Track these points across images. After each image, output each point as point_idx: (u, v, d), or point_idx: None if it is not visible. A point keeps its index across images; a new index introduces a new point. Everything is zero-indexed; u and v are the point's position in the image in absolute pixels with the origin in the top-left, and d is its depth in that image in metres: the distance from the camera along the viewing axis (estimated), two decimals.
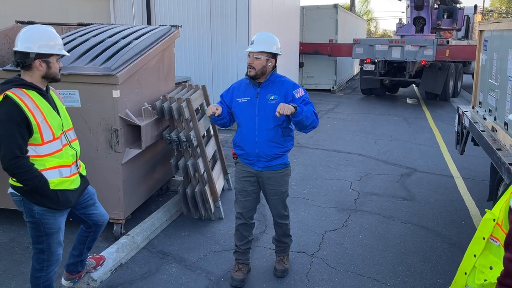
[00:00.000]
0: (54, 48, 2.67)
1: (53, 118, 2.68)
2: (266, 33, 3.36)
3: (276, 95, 3.29)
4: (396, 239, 4.37)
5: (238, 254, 3.65)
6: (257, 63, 3.23)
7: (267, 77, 3.31)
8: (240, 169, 3.49)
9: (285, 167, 3.45)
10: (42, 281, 2.85)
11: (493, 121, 4.41)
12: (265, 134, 3.29)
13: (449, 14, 15.30)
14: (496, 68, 4.46)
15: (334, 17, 14.90)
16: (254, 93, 3.33)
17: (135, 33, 4.70)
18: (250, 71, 3.25)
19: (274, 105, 3.25)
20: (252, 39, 3.29)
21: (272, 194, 3.48)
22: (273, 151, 3.33)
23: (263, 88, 3.32)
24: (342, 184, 5.93)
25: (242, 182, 3.48)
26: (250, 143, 3.32)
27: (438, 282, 3.62)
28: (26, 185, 2.60)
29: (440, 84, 12.74)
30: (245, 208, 3.52)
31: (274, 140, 3.32)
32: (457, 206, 5.22)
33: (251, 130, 3.31)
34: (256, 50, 3.23)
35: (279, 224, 3.62)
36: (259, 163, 3.37)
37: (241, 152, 3.42)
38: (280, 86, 3.32)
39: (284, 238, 3.71)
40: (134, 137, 4.15)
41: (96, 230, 3.17)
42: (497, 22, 4.75)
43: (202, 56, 9.17)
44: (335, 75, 15.26)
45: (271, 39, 3.32)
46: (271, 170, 3.39)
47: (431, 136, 8.92)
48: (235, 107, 3.40)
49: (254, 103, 3.31)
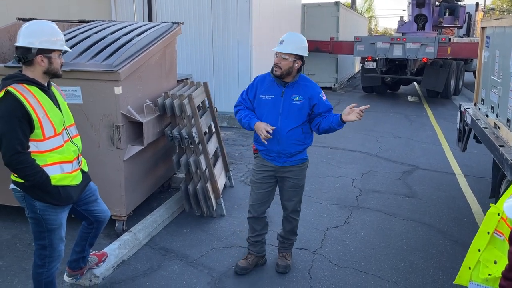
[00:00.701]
0: (56, 43, 2.66)
1: (54, 113, 2.67)
2: (296, 34, 3.40)
3: (301, 96, 3.36)
4: (398, 236, 4.36)
5: (249, 244, 3.75)
6: (284, 64, 3.27)
7: (294, 79, 3.37)
8: (259, 163, 3.56)
9: (304, 162, 3.55)
10: (44, 277, 2.84)
11: (496, 118, 4.39)
12: (287, 133, 3.36)
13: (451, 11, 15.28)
14: (499, 65, 4.45)
15: (335, 15, 14.87)
16: (279, 91, 3.37)
17: (137, 29, 4.69)
18: (276, 70, 3.30)
19: (298, 105, 3.34)
20: (282, 39, 3.31)
21: (291, 186, 3.54)
22: (295, 149, 3.42)
23: (289, 88, 3.37)
24: (344, 182, 5.92)
25: (258, 174, 3.55)
26: (272, 140, 3.36)
27: (440, 278, 3.62)
28: (27, 181, 2.59)
29: (441, 81, 12.72)
30: (258, 201, 3.57)
31: (296, 137, 3.39)
32: (459, 203, 5.22)
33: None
34: (285, 51, 3.26)
35: (289, 219, 3.66)
36: (280, 159, 3.45)
37: (262, 148, 3.48)
38: (305, 88, 3.39)
39: (290, 235, 3.74)
40: (136, 133, 4.15)
41: (98, 226, 3.16)
42: (499, 19, 4.74)
43: (204, 53, 9.16)
44: (336, 73, 15.24)
45: (300, 40, 3.35)
46: (291, 164, 3.47)
47: (432, 133, 8.91)
48: (258, 103, 3.44)
49: (278, 102, 3.36)
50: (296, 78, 3.37)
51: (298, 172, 3.52)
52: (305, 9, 14.70)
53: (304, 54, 3.32)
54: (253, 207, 3.60)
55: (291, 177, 3.50)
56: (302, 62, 3.35)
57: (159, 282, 3.53)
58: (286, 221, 3.69)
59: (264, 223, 3.71)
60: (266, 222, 3.73)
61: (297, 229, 3.75)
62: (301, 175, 3.55)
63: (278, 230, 3.88)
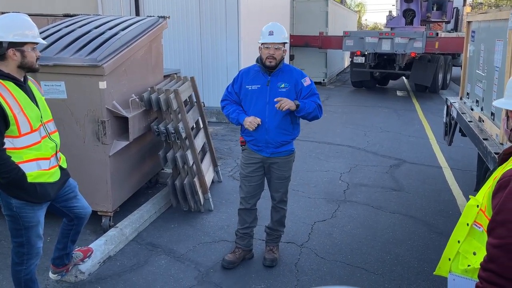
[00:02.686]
0: (27, 36, 2.59)
1: (31, 109, 2.61)
2: (278, 24, 3.45)
3: (286, 83, 3.40)
4: (385, 229, 4.40)
5: (237, 237, 3.76)
6: (278, 54, 3.34)
7: (279, 67, 3.40)
8: (247, 156, 3.58)
9: (291, 153, 3.59)
10: (23, 275, 2.80)
11: (480, 112, 4.44)
12: (275, 121, 3.38)
13: (439, 6, 15.37)
14: (483, 59, 4.49)
15: (324, 10, 14.86)
16: (265, 81, 3.41)
17: (121, 24, 4.64)
18: (271, 61, 3.33)
19: (285, 93, 3.38)
20: (269, 30, 3.34)
21: (277, 178, 3.58)
22: (282, 138, 3.45)
23: (274, 76, 3.41)
24: (332, 176, 5.95)
25: (247, 168, 3.57)
26: (260, 130, 3.40)
27: (425, 270, 3.66)
28: (2, 178, 2.53)
29: (429, 76, 12.80)
30: (249, 194, 3.61)
31: (284, 127, 3.43)
32: (445, 196, 5.27)
33: (261, 118, 3.38)
34: (279, 41, 3.32)
35: (277, 209, 3.70)
36: (268, 149, 3.47)
37: (250, 138, 3.50)
38: (290, 75, 3.44)
39: (278, 226, 3.76)
40: (122, 129, 4.12)
41: (78, 223, 3.12)
42: (484, 13, 4.78)
43: (191, 48, 9.10)
44: (326, 67, 15.27)
45: (284, 29, 3.44)
46: (278, 156, 3.50)
47: (420, 127, 8.98)
48: (245, 94, 3.47)
49: (265, 91, 3.40)
50: (280, 65, 3.41)
51: (284, 164, 3.55)
52: (294, 3, 14.67)
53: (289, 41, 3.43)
54: (244, 199, 3.64)
55: (277, 168, 3.54)
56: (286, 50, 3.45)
57: (146, 277, 3.52)
58: (274, 211, 3.73)
59: (255, 215, 3.75)
60: (256, 215, 3.76)
61: (284, 219, 3.78)
62: (287, 166, 3.58)
63: (266, 224, 3.88)
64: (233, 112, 3.48)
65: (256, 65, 3.46)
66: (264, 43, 3.34)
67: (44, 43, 2.91)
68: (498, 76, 3.85)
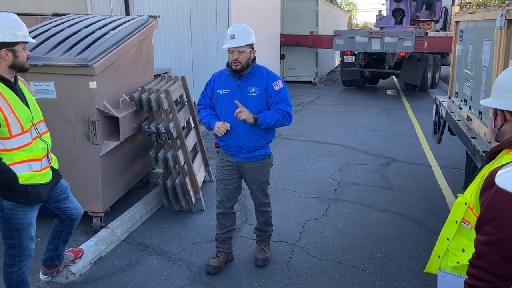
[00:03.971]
0: (18, 36, 2.57)
1: (21, 110, 2.59)
2: (242, 25, 3.35)
3: (257, 87, 3.30)
4: (375, 227, 4.44)
5: (218, 242, 3.69)
6: (243, 57, 3.22)
7: (249, 70, 3.30)
8: (222, 158, 3.52)
9: (267, 158, 3.49)
10: (15, 276, 2.78)
11: (468, 111, 4.49)
12: (246, 126, 3.28)
13: (428, 6, 15.51)
14: (471, 58, 4.55)
15: (314, 9, 14.91)
16: (235, 85, 3.32)
17: (111, 23, 4.61)
18: (236, 65, 3.23)
19: (255, 98, 3.28)
20: (231, 33, 3.23)
21: (253, 183, 3.52)
22: (254, 143, 3.36)
23: (244, 80, 3.31)
24: (323, 175, 5.98)
25: (222, 171, 3.51)
26: (232, 135, 3.32)
27: (415, 267, 3.70)
28: None
29: (419, 75, 12.91)
30: (225, 197, 3.55)
31: (255, 132, 3.33)
32: (434, 194, 5.33)
33: (233, 123, 3.29)
34: (240, 44, 3.21)
35: (260, 211, 3.66)
36: (241, 154, 3.39)
37: (223, 144, 3.44)
38: (261, 78, 3.32)
39: (265, 227, 3.74)
40: (112, 129, 4.10)
41: (70, 224, 3.10)
42: (472, 13, 4.84)
43: (182, 47, 9.08)
44: (316, 67, 15.32)
45: (249, 30, 3.31)
46: (252, 160, 3.41)
47: (410, 126, 9.06)
48: (216, 99, 3.40)
49: (234, 95, 3.29)
50: (250, 68, 3.30)
51: (260, 169, 3.46)
52: (284, 3, 14.69)
53: (255, 41, 3.29)
54: (221, 203, 3.56)
55: (252, 173, 3.45)
56: (255, 50, 3.33)
57: (137, 278, 3.51)
58: (258, 214, 3.70)
59: (234, 218, 3.69)
60: (235, 217, 3.71)
61: (271, 219, 3.75)
62: (263, 171, 3.49)
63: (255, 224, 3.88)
64: (205, 116, 3.41)
65: (226, 68, 3.37)
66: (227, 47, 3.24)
67: (35, 42, 2.90)
68: (486, 75, 3.90)
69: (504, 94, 1.75)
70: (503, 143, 1.77)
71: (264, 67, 3.45)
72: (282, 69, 14.99)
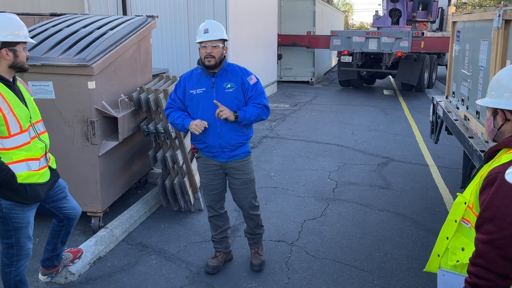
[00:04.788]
0: (19, 36, 2.58)
1: (20, 110, 2.59)
2: (213, 20, 3.32)
3: (232, 83, 3.24)
4: (373, 226, 4.45)
5: (214, 243, 3.68)
6: (217, 52, 3.17)
7: (222, 66, 3.25)
8: (203, 163, 3.41)
9: (248, 155, 3.43)
10: (13, 276, 2.78)
11: (466, 110, 4.52)
12: (226, 124, 3.21)
13: (424, 6, 15.57)
14: (469, 58, 4.57)
15: (311, 9, 14.93)
16: (209, 83, 3.24)
17: (110, 23, 4.61)
18: (210, 60, 3.16)
19: (232, 93, 3.23)
20: (204, 28, 3.19)
21: (241, 183, 3.42)
22: (237, 140, 3.28)
23: (218, 77, 3.24)
24: (321, 174, 5.99)
25: (207, 176, 3.42)
26: (212, 135, 3.23)
27: (413, 267, 3.72)
28: None
29: (415, 75, 12.96)
30: (213, 201, 3.50)
31: (236, 128, 3.26)
32: (432, 193, 5.36)
33: (212, 122, 3.20)
34: (215, 38, 3.16)
35: (251, 217, 3.56)
36: (223, 154, 3.30)
37: (203, 146, 3.32)
38: (235, 74, 3.28)
39: (257, 230, 3.64)
40: (111, 129, 4.10)
41: (68, 224, 3.10)
42: (469, 13, 4.86)
43: (180, 47, 9.07)
44: (313, 67, 15.34)
45: (221, 26, 3.28)
46: (235, 159, 3.34)
47: (407, 126, 9.09)
48: (190, 100, 3.28)
49: (210, 94, 3.22)
50: (223, 65, 3.24)
51: (244, 167, 3.39)
52: (281, 3, 14.71)
53: (227, 38, 3.28)
54: (211, 207, 3.52)
55: (238, 172, 3.37)
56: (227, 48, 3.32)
57: (136, 278, 3.51)
58: (248, 219, 3.58)
59: (226, 218, 3.63)
60: (227, 216, 3.65)
61: (261, 221, 3.65)
62: (248, 169, 3.42)
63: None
64: (177, 118, 3.28)
65: (198, 67, 3.28)
66: (201, 42, 3.18)
67: (34, 42, 2.90)
68: (483, 75, 3.93)
69: (505, 94, 1.76)
70: (502, 142, 1.78)
71: (235, 64, 3.39)
72: (279, 69, 15.01)
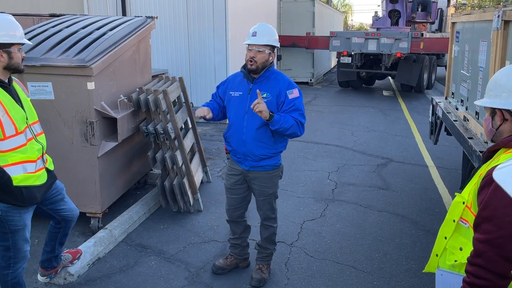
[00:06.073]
0: (14, 37, 2.56)
1: (16, 111, 2.56)
2: (267, 24, 3.17)
3: (268, 93, 3.09)
4: (373, 227, 4.45)
5: (229, 246, 3.66)
6: (260, 57, 3.04)
7: (263, 73, 3.11)
8: (230, 166, 3.39)
9: (275, 169, 3.28)
10: (10, 278, 2.76)
11: (465, 111, 4.52)
12: (252, 133, 3.12)
13: (423, 7, 15.57)
14: (468, 59, 4.58)
15: (311, 10, 14.94)
16: (247, 88, 3.15)
17: (109, 24, 4.61)
18: (251, 64, 3.05)
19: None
20: (253, 30, 3.06)
21: (258, 194, 3.34)
22: (261, 152, 3.16)
23: (256, 84, 3.12)
24: (320, 175, 5.99)
25: (230, 179, 3.38)
26: (238, 141, 3.18)
27: (412, 267, 3.72)
28: None
29: (415, 76, 12.97)
30: (231, 206, 3.44)
31: (262, 140, 3.13)
32: (431, 194, 5.36)
33: (239, 128, 3.15)
34: (260, 43, 3.03)
35: (265, 226, 3.47)
36: (246, 162, 3.22)
37: (230, 149, 3.31)
38: (275, 84, 3.12)
39: (268, 244, 3.51)
40: (110, 129, 4.10)
41: (66, 226, 3.08)
42: (468, 14, 4.87)
43: (179, 48, 9.08)
44: (313, 67, 15.35)
45: (273, 31, 3.14)
46: (258, 170, 3.23)
47: (406, 127, 9.09)
48: (228, 100, 3.25)
49: (245, 99, 3.13)
50: (265, 72, 3.12)
51: (266, 180, 3.26)
52: (281, 4, 14.72)
53: (278, 45, 3.14)
54: (228, 212, 3.49)
55: (258, 183, 3.27)
56: (275, 54, 3.19)
57: (136, 279, 3.51)
58: (263, 227, 3.49)
59: (244, 226, 3.54)
60: (246, 225, 3.55)
61: (275, 237, 3.53)
62: (270, 183, 3.28)
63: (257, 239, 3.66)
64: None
65: (241, 70, 3.21)
66: (247, 44, 3.07)
67: (30, 43, 2.89)
68: (482, 76, 3.93)
69: (503, 94, 1.76)
70: (500, 142, 1.79)
71: (282, 73, 3.25)
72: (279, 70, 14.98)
